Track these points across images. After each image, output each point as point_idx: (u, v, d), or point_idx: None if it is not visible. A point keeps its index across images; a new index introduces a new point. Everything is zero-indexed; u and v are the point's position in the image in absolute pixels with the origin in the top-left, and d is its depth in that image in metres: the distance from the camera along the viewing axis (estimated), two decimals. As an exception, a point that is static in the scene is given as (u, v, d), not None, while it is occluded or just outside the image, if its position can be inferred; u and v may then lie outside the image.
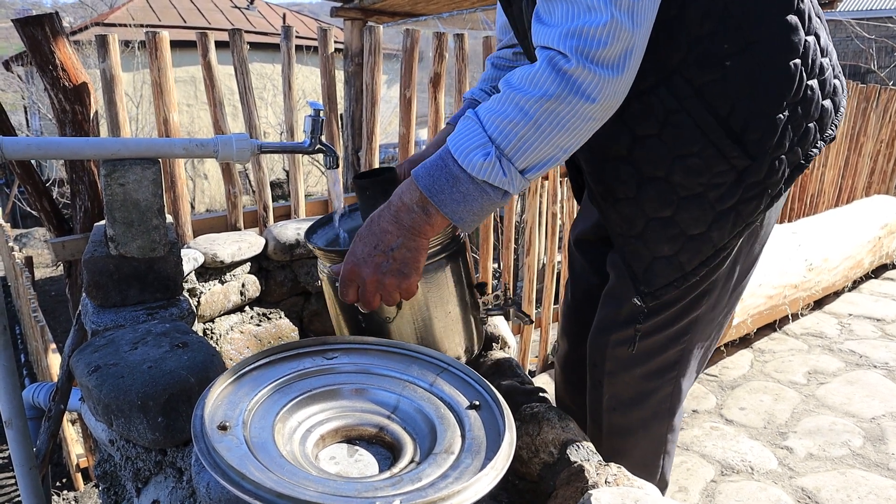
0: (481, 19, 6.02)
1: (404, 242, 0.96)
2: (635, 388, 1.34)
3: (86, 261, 1.37)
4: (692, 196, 1.07)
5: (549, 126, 0.86)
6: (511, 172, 0.89)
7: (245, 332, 1.78)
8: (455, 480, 0.78)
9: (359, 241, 0.98)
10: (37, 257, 7.66)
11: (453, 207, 0.92)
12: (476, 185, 0.90)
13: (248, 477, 0.71)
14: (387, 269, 0.97)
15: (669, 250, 1.12)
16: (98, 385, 1.03)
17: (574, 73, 0.83)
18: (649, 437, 1.40)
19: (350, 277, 0.99)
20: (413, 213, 0.94)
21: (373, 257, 0.97)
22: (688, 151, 1.03)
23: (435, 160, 0.92)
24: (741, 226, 1.10)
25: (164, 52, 1.95)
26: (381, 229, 0.96)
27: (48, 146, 1.26)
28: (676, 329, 1.25)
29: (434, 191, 0.91)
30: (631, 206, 1.12)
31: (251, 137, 1.43)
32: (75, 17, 16.59)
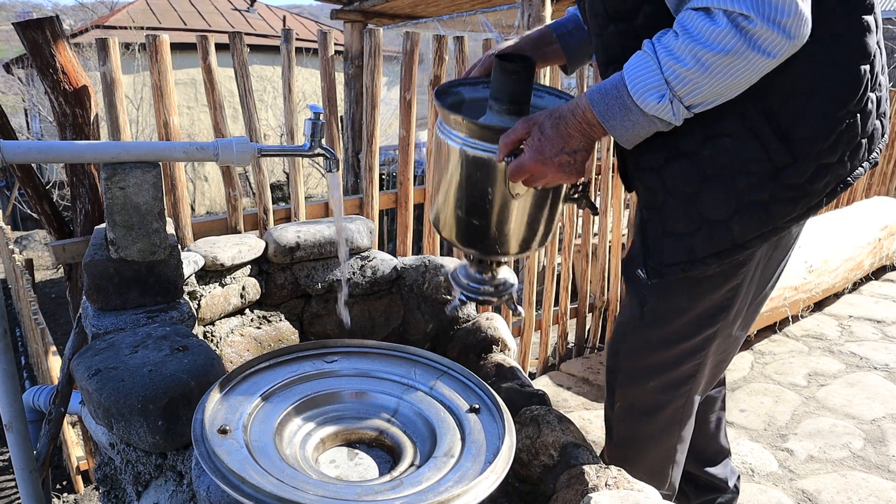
0: (481, 21, 6.02)
1: (584, 148, 1.04)
2: (647, 400, 1.33)
3: (86, 264, 1.37)
4: (718, 178, 1.06)
5: (723, 76, 0.91)
6: (679, 110, 0.95)
7: (245, 334, 1.78)
8: (455, 484, 0.78)
9: (546, 141, 1.03)
10: (37, 260, 7.66)
11: (621, 132, 1.00)
12: (646, 118, 0.97)
13: (248, 481, 0.71)
14: (569, 169, 1.04)
15: (684, 229, 1.11)
16: (98, 388, 1.03)
17: (757, 34, 0.86)
18: (658, 448, 1.39)
19: (532, 170, 1.04)
20: (595, 128, 1.01)
21: (560, 157, 1.03)
22: (721, 131, 1.05)
23: (610, 88, 0.98)
24: (768, 227, 1.07)
25: (164, 55, 1.95)
26: (568, 134, 1.02)
27: (48, 150, 1.26)
28: (693, 343, 1.25)
29: (607, 117, 0.99)
30: (654, 177, 1.13)
31: (251, 141, 1.43)
32: (76, 19, 16.61)
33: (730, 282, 1.18)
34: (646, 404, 1.34)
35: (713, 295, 1.20)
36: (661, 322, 1.25)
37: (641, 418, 1.36)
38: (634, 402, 1.35)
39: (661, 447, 1.39)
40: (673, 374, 1.29)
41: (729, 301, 1.20)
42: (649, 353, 1.29)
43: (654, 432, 1.37)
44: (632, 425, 1.39)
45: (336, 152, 2.23)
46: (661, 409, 1.33)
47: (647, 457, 1.41)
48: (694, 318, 1.22)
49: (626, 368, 1.33)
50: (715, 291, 1.19)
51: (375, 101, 2.37)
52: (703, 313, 1.21)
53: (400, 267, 1.94)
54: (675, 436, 1.38)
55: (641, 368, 1.31)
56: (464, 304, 1.33)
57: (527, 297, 3.08)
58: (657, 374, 1.30)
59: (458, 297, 1.30)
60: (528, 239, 1.22)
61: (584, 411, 2.80)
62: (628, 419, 1.38)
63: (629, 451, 1.42)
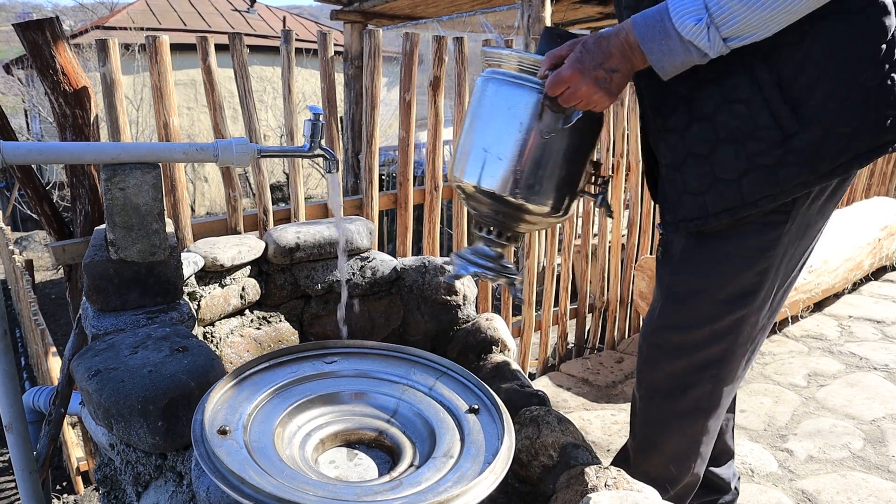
0: (481, 22, 6.02)
1: (623, 69, 1.07)
2: (674, 380, 1.36)
3: (86, 265, 1.37)
4: (731, 141, 1.11)
5: (762, 7, 0.94)
6: (715, 40, 0.98)
7: (245, 335, 1.78)
8: (454, 484, 0.78)
9: (587, 53, 1.07)
10: (37, 260, 7.67)
11: (658, 57, 1.03)
12: (683, 44, 1.00)
13: (247, 481, 0.71)
14: (602, 85, 1.08)
15: (699, 188, 1.16)
16: (98, 389, 1.04)
17: None
18: (683, 434, 1.41)
19: (570, 79, 1.08)
20: (636, 51, 1.05)
21: (596, 71, 1.07)
22: (736, 98, 1.09)
23: (653, 13, 1.02)
24: (777, 189, 1.11)
25: (163, 56, 1.95)
26: (608, 52, 1.06)
27: (48, 151, 1.26)
28: (721, 326, 1.27)
29: (646, 39, 1.02)
30: (677, 139, 1.18)
31: (251, 142, 1.43)
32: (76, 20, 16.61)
33: (758, 264, 1.21)
34: (672, 385, 1.36)
35: (741, 277, 1.23)
36: (690, 302, 1.29)
37: (667, 399, 1.38)
38: (661, 381, 1.38)
39: (685, 433, 1.40)
40: (700, 356, 1.32)
41: (757, 285, 1.23)
42: (677, 332, 1.32)
43: (679, 414, 1.38)
44: (657, 406, 1.41)
45: (336, 153, 2.23)
46: (686, 390, 1.35)
47: (671, 442, 1.42)
48: (722, 299, 1.26)
49: (654, 347, 1.36)
50: (743, 274, 1.23)
51: (375, 101, 2.37)
52: (732, 295, 1.25)
53: (399, 268, 1.94)
54: (701, 424, 1.39)
55: (669, 348, 1.34)
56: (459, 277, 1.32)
57: (526, 298, 3.08)
58: (685, 355, 1.33)
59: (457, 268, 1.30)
60: (559, 189, 1.23)
61: (584, 412, 2.80)
62: (654, 398, 1.41)
63: (654, 434, 1.44)
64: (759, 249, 1.20)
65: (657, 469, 1.46)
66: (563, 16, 5.66)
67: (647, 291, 3.45)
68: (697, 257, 1.27)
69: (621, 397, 2.95)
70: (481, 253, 1.32)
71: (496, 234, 1.30)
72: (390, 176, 7.04)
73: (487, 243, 1.32)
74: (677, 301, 1.31)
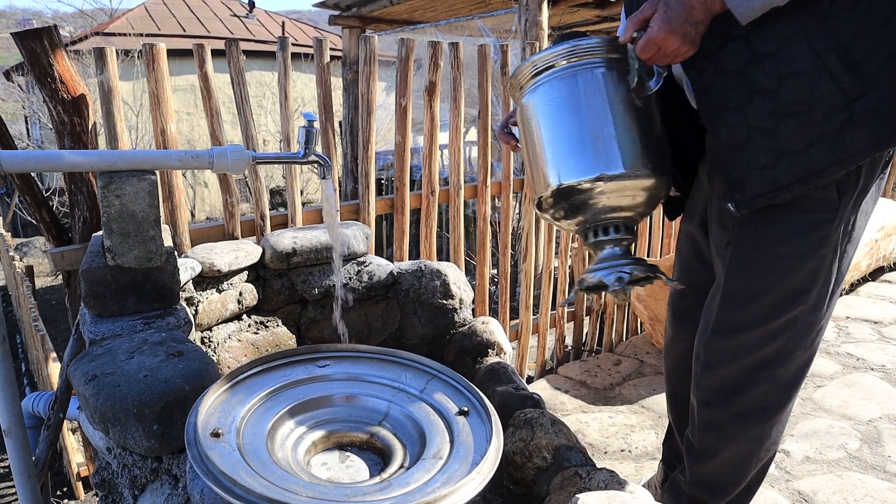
0: (479, 26, 6.05)
1: (704, 21, 1.10)
2: (730, 382, 1.36)
3: (83, 271, 1.39)
4: (797, 112, 1.11)
5: None
6: None
7: (243, 340, 1.79)
8: (443, 485, 0.79)
9: (672, 11, 1.09)
10: (37, 266, 7.68)
11: (739, 0, 1.04)
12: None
13: (239, 483, 0.72)
14: (689, 39, 1.11)
15: (767, 162, 1.16)
16: (95, 394, 1.05)
17: None
18: (742, 436, 1.40)
19: (662, 40, 1.10)
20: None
21: (685, 27, 1.09)
22: (797, 70, 1.09)
23: None
24: (845, 153, 1.10)
25: (161, 63, 1.97)
26: (691, 5, 1.08)
27: (46, 159, 1.28)
28: (775, 326, 1.28)
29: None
30: (737, 116, 1.17)
31: (247, 148, 1.45)
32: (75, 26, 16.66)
33: (809, 262, 1.22)
34: (728, 387, 1.36)
35: (795, 276, 1.24)
36: (746, 302, 1.29)
37: (723, 401, 1.38)
38: (718, 385, 1.37)
39: (744, 434, 1.39)
40: (755, 357, 1.32)
41: (810, 283, 1.24)
42: (733, 335, 1.32)
43: (736, 416, 1.38)
44: (714, 409, 1.40)
45: (332, 158, 2.25)
46: (741, 391, 1.35)
47: (730, 445, 1.41)
48: (777, 299, 1.26)
49: (712, 352, 1.36)
50: (797, 272, 1.24)
51: (371, 107, 2.39)
52: (786, 295, 1.26)
53: (396, 272, 1.95)
54: (760, 425, 1.38)
55: (726, 351, 1.34)
56: (622, 280, 1.18)
57: (524, 301, 3.09)
58: (741, 356, 1.33)
59: (610, 279, 1.18)
60: (650, 152, 1.20)
61: (582, 414, 2.82)
62: (711, 403, 1.40)
63: (712, 438, 1.43)
64: (809, 248, 1.21)
65: (719, 474, 1.46)
66: (559, 19, 5.68)
67: (644, 294, 3.46)
68: (749, 259, 1.28)
69: (619, 399, 2.97)
70: (612, 256, 1.22)
71: (617, 229, 1.23)
72: (388, 180, 7.06)
73: (613, 244, 1.23)
74: (732, 303, 1.32)
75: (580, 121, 1.17)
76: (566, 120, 1.18)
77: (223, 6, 13.98)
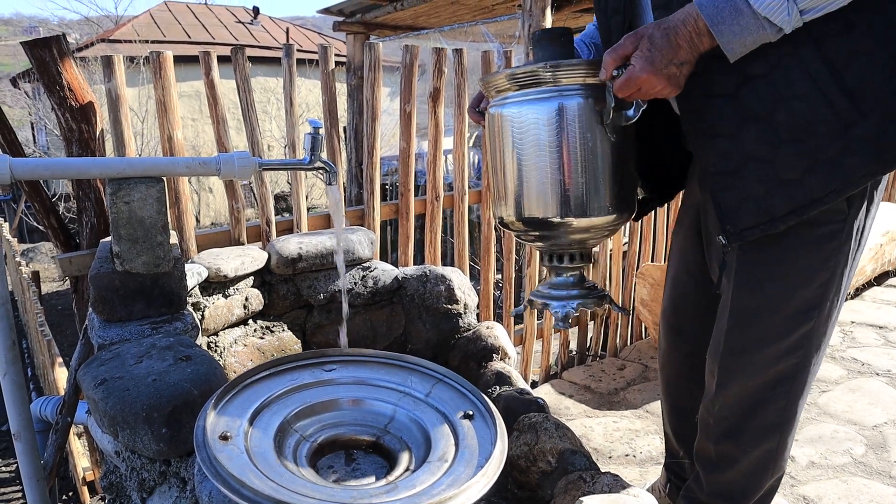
0: (482, 32, 6.07)
1: (690, 61, 1.04)
2: (747, 398, 1.34)
3: (92, 277, 1.41)
4: (792, 140, 1.07)
5: None
6: (793, 12, 0.94)
7: (249, 344, 1.81)
8: (448, 487, 0.80)
9: (656, 50, 1.03)
10: (43, 272, 7.72)
11: (729, 38, 0.99)
12: (757, 21, 0.96)
13: (247, 485, 0.73)
14: (674, 80, 1.05)
15: (761, 192, 1.12)
16: (104, 397, 1.06)
17: None
18: (759, 448, 1.38)
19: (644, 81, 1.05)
20: (703, 37, 1.01)
21: (669, 67, 1.04)
22: (793, 94, 1.05)
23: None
24: (843, 181, 1.07)
25: (167, 70, 1.99)
26: (677, 45, 1.02)
27: (55, 166, 1.30)
28: (789, 342, 1.25)
29: (716, 20, 0.98)
30: (729, 143, 1.13)
31: (253, 155, 1.47)
32: (81, 33, 16.76)
33: (819, 276, 1.19)
34: (747, 403, 1.34)
35: (804, 291, 1.21)
36: (756, 320, 1.26)
37: (741, 417, 1.36)
38: (736, 400, 1.35)
39: (762, 447, 1.38)
40: (772, 374, 1.29)
41: (820, 297, 1.21)
42: (747, 352, 1.30)
43: (754, 431, 1.36)
44: (734, 424, 1.38)
45: (337, 165, 2.26)
46: (759, 407, 1.33)
47: (747, 457, 1.40)
48: (788, 315, 1.23)
49: (725, 369, 1.33)
50: (806, 287, 1.20)
51: (376, 113, 2.41)
52: (797, 310, 1.22)
53: (401, 277, 1.96)
54: (777, 438, 1.36)
55: (740, 368, 1.31)
56: (567, 318, 1.25)
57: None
58: (757, 373, 1.30)
59: (557, 311, 1.24)
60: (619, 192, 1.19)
61: (587, 419, 2.82)
62: (731, 417, 1.38)
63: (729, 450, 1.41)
64: (820, 260, 1.18)
65: (736, 483, 1.44)
66: (563, 25, 5.69)
67: (648, 299, 3.46)
68: (757, 274, 1.24)
69: (623, 404, 2.97)
70: (566, 285, 1.27)
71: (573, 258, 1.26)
72: (393, 185, 7.08)
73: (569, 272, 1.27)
74: (743, 320, 1.28)
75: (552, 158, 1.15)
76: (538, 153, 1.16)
77: (228, 13, 14.06)
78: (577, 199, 1.15)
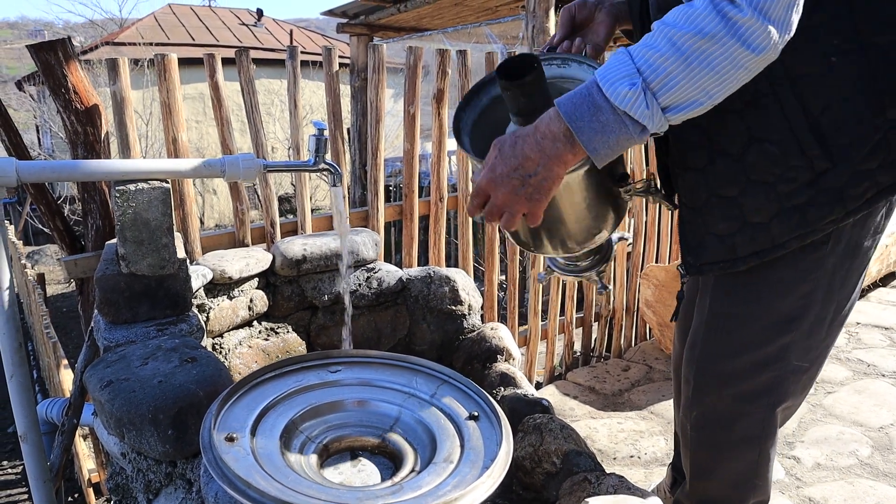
0: (486, 33, 6.07)
1: (543, 171, 0.94)
2: (725, 408, 1.30)
3: (98, 279, 1.41)
4: (761, 182, 1.04)
5: (698, 65, 0.84)
6: (654, 107, 0.87)
7: (253, 346, 1.81)
8: (454, 488, 0.80)
9: (500, 159, 0.97)
10: (48, 274, 7.74)
11: (590, 136, 0.90)
12: (616, 116, 0.88)
13: (253, 486, 0.74)
14: (521, 192, 0.96)
15: (725, 230, 1.10)
16: (110, 399, 1.07)
17: (739, 20, 0.81)
18: (740, 460, 1.35)
19: (483, 191, 0.99)
20: (557, 143, 0.93)
21: (511, 179, 0.96)
22: (766, 136, 1.01)
23: (581, 89, 0.91)
24: (807, 229, 1.05)
25: (172, 73, 2.00)
26: (524, 154, 0.94)
27: (61, 169, 1.30)
28: (766, 353, 1.21)
29: (574, 117, 0.90)
30: (697, 177, 1.11)
31: (258, 157, 1.47)
32: (86, 36, 16.83)
33: (799, 287, 1.15)
34: (723, 413, 1.31)
35: (783, 302, 1.17)
36: (732, 329, 1.23)
37: (718, 428, 1.33)
38: (711, 410, 1.32)
39: (743, 459, 1.34)
40: (749, 385, 1.25)
41: (802, 310, 1.16)
42: (722, 360, 1.27)
43: (735, 442, 1.33)
44: (709, 435, 1.35)
45: (341, 166, 2.27)
46: (738, 419, 1.30)
47: (727, 468, 1.37)
48: (765, 325, 1.19)
49: (700, 376, 1.30)
50: (785, 298, 1.16)
51: (380, 114, 2.41)
52: (775, 321, 1.18)
53: (405, 278, 1.96)
54: (757, 450, 1.33)
55: (715, 376, 1.28)
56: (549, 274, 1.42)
57: (532, 307, 3.10)
58: (732, 384, 1.27)
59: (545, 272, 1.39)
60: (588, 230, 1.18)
61: (591, 420, 2.81)
62: (706, 428, 1.35)
63: (709, 461, 1.38)
64: (798, 272, 1.13)
65: (718, 493, 1.42)
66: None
67: (652, 300, 3.46)
68: (735, 283, 1.20)
69: (628, 405, 2.96)
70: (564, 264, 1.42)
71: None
72: (397, 187, 7.09)
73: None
74: (719, 329, 1.24)
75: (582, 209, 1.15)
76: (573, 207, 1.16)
77: (232, 15, 14.10)
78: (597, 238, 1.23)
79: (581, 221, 1.16)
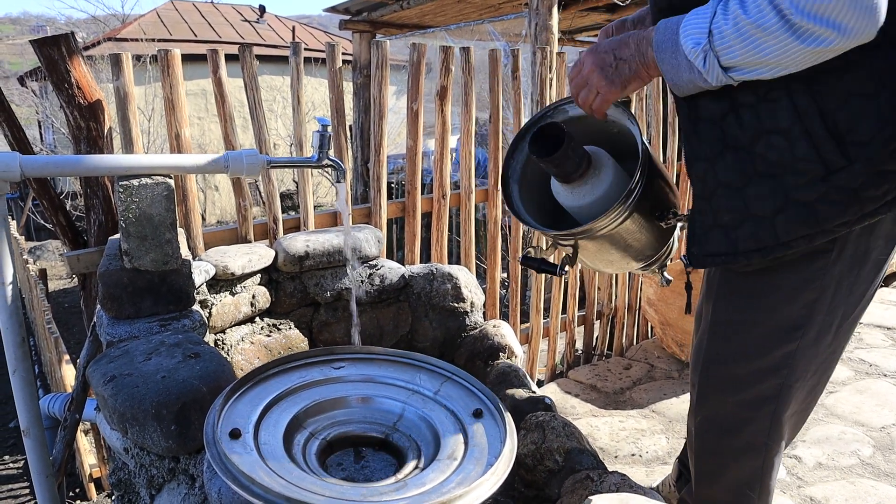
0: (489, 30, 6.06)
1: (631, 64, 1.05)
2: (730, 414, 1.29)
3: (101, 274, 1.41)
4: (768, 175, 1.04)
5: (755, 48, 0.91)
6: (714, 66, 0.94)
7: (256, 342, 1.81)
8: (458, 485, 0.80)
9: (605, 39, 1.11)
10: (50, 269, 7.75)
11: (666, 68, 1.00)
12: (688, 61, 0.97)
13: (257, 482, 0.73)
14: (607, 70, 1.08)
15: (730, 222, 1.09)
16: (113, 394, 1.07)
17: (798, 23, 0.86)
18: (744, 466, 1.34)
19: (582, 61, 1.11)
20: (647, 54, 1.03)
21: (606, 54, 1.07)
22: (775, 128, 1.02)
23: (675, 22, 0.99)
24: (815, 229, 1.03)
25: (175, 69, 1.99)
26: (626, 41, 1.06)
27: (65, 164, 1.30)
28: (770, 360, 1.20)
29: (660, 48, 1.00)
30: (707, 168, 1.11)
31: (261, 153, 1.47)
32: (88, 32, 16.81)
33: (803, 296, 1.13)
34: (727, 419, 1.30)
35: (787, 309, 1.15)
36: (734, 334, 1.22)
37: (722, 435, 1.32)
38: (716, 415, 1.31)
39: (747, 465, 1.33)
40: (753, 392, 1.24)
41: (806, 318, 1.14)
42: (726, 367, 1.26)
43: (737, 450, 1.32)
44: (713, 441, 1.34)
45: (345, 162, 2.27)
46: (742, 426, 1.29)
47: (729, 474, 1.36)
48: (768, 332, 1.18)
49: (705, 381, 1.30)
50: (788, 305, 1.14)
51: (383, 111, 2.41)
52: (778, 329, 1.16)
53: (408, 275, 1.96)
54: (761, 458, 1.31)
55: (720, 383, 1.27)
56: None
57: (534, 305, 3.10)
58: (736, 390, 1.26)
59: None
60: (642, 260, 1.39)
61: (592, 418, 2.81)
62: (710, 433, 1.34)
63: (713, 466, 1.37)
64: (802, 280, 1.11)
65: (722, 497, 1.41)
66: (570, 23, 5.69)
67: (654, 298, 3.46)
68: (739, 288, 1.20)
69: (629, 404, 2.96)
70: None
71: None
72: (399, 184, 7.08)
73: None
74: (722, 334, 1.24)
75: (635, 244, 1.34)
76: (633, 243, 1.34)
77: (234, 11, 14.09)
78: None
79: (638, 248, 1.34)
